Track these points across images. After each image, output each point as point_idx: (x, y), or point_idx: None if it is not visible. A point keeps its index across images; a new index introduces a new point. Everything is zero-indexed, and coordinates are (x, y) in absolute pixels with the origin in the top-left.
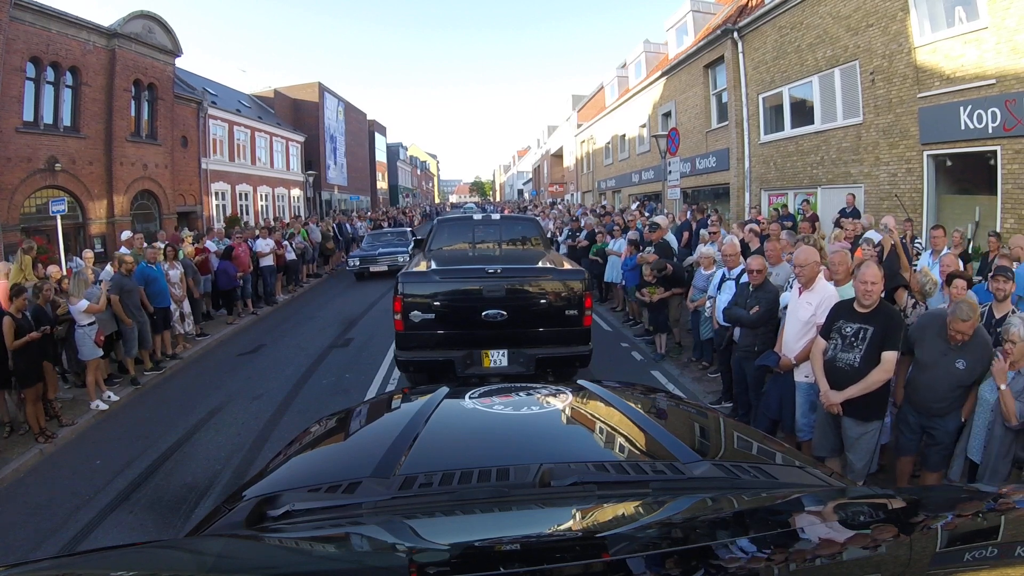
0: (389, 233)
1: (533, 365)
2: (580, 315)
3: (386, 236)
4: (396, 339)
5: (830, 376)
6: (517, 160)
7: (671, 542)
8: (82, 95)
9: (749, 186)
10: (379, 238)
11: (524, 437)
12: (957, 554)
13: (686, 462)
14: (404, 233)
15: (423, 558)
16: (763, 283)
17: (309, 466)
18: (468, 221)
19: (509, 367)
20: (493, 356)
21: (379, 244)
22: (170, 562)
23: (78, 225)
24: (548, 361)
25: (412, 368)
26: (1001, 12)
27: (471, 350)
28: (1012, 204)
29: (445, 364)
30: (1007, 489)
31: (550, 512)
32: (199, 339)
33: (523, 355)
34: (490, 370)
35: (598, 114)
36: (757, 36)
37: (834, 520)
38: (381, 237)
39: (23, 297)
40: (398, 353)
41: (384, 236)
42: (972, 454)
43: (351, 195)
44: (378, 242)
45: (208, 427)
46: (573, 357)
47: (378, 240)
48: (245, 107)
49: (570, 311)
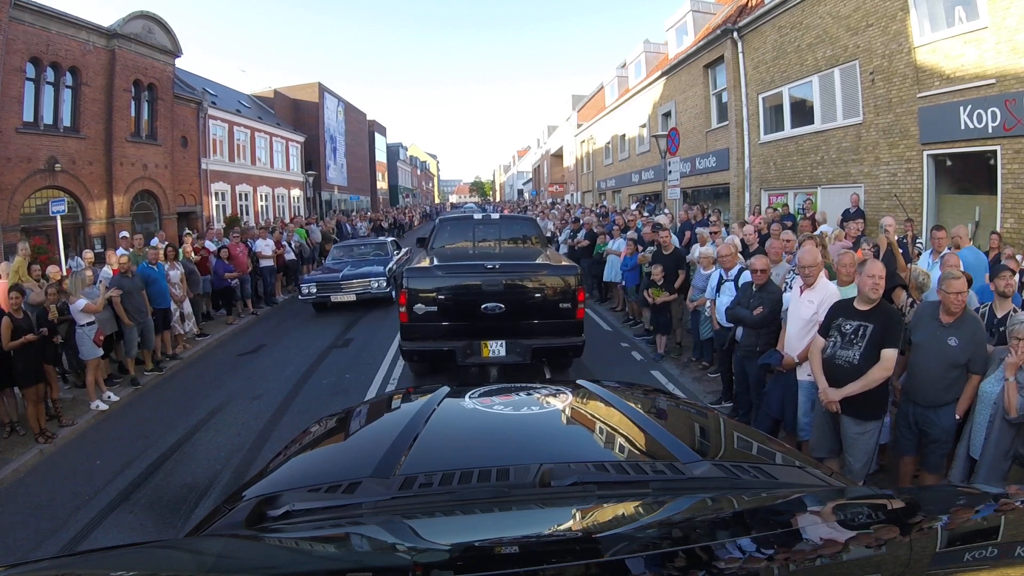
0: (363, 245)
1: (529, 355)
2: (573, 308)
3: (359, 249)
4: (400, 330)
5: (829, 374)
6: (517, 160)
7: (671, 542)
8: (82, 95)
9: (749, 186)
10: (349, 251)
11: (524, 437)
12: (957, 554)
13: (686, 462)
14: (384, 245)
15: (423, 558)
16: (766, 283)
17: (309, 466)
18: (469, 220)
19: (507, 357)
20: (492, 346)
21: (347, 261)
22: (170, 562)
23: (78, 225)
24: (544, 351)
25: (416, 357)
26: (1001, 12)
27: (471, 341)
28: (1012, 204)
29: (447, 354)
30: (1009, 489)
31: (550, 512)
32: (199, 339)
33: (520, 345)
34: (489, 359)
35: (598, 114)
36: (757, 36)
37: (834, 520)
38: (353, 250)
39: (16, 296)
40: (402, 343)
41: (356, 250)
42: (974, 452)
43: (351, 195)
44: (347, 257)
45: (208, 427)
46: (567, 347)
47: (347, 255)
48: (245, 107)
49: (564, 304)
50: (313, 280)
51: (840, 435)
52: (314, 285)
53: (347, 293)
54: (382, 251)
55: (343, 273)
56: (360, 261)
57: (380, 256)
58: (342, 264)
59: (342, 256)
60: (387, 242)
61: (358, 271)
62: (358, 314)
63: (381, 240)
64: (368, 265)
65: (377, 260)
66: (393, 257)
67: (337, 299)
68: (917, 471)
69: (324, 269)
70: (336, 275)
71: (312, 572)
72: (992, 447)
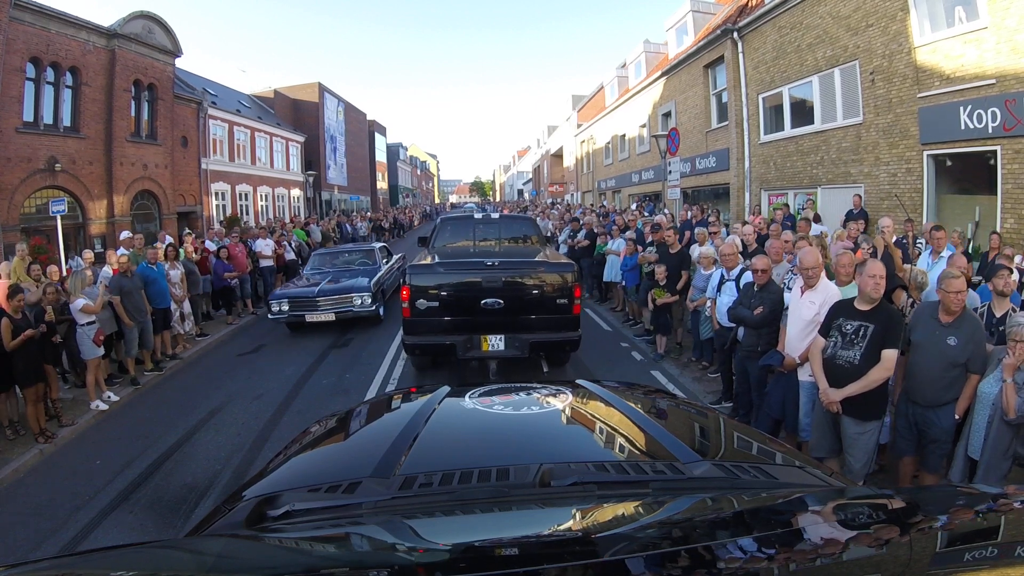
0: (347, 252)
1: (527, 349)
2: (570, 304)
3: (343, 257)
4: (403, 325)
5: (829, 374)
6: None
7: (671, 542)
8: (82, 95)
9: (749, 186)
10: (331, 260)
11: (524, 437)
12: (957, 554)
13: (686, 462)
14: (372, 252)
15: (423, 558)
16: (767, 283)
17: (309, 466)
18: (469, 220)
19: (506, 351)
20: (491, 341)
21: (327, 271)
22: (170, 562)
23: (78, 225)
24: (541, 345)
25: (418, 351)
26: (1001, 12)
27: (471, 335)
28: (1012, 204)
29: (448, 348)
30: (1008, 489)
31: (550, 512)
32: (199, 339)
33: (518, 340)
34: (488, 353)
35: (598, 114)
36: (757, 36)
37: (834, 520)
38: (335, 259)
39: (19, 297)
40: (405, 338)
41: (339, 258)
42: (972, 452)
43: (351, 195)
44: (326, 266)
45: (208, 427)
46: (564, 342)
47: (327, 263)
48: (245, 107)
49: (561, 300)
50: (285, 296)
51: (840, 435)
52: (286, 302)
53: (324, 312)
54: (369, 260)
55: (320, 288)
56: (342, 272)
57: (366, 266)
58: (322, 275)
59: (322, 265)
60: (375, 249)
61: (338, 285)
62: None
63: (369, 247)
64: (351, 277)
65: (363, 271)
66: (382, 267)
67: (313, 319)
68: (916, 471)
69: (299, 281)
70: (312, 289)
71: (312, 572)
72: (991, 447)
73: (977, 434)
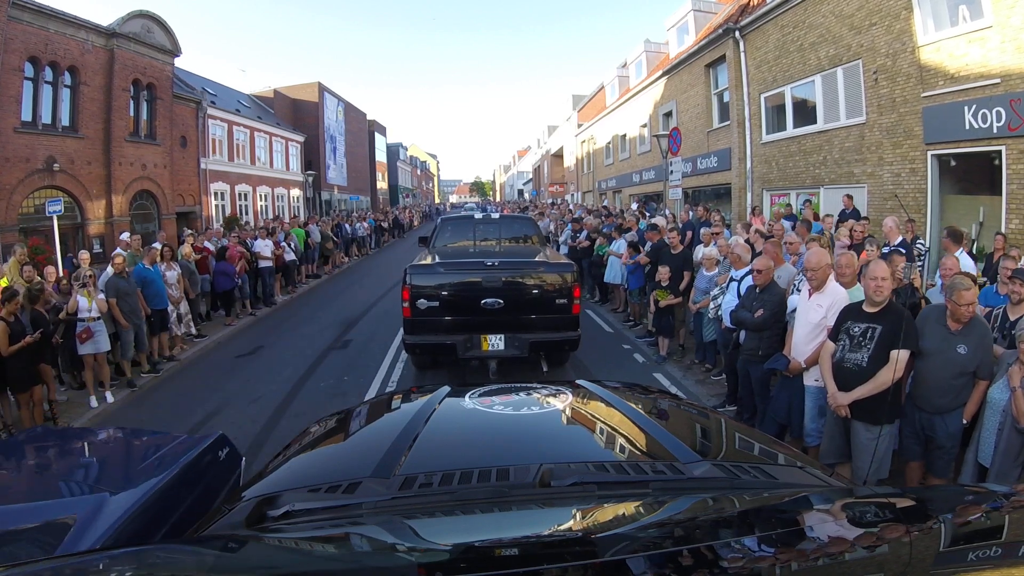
0: None
1: (527, 348)
2: (569, 304)
3: None
4: (404, 324)
5: (838, 377)
6: (517, 160)
7: (671, 542)
8: (80, 95)
9: (751, 186)
10: None
11: (524, 437)
12: (960, 554)
13: (686, 462)
14: None
15: (423, 558)
16: (769, 285)
17: (309, 466)
18: (470, 220)
19: (505, 350)
20: (491, 340)
21: None
22: (170, 562)
23: (76, 225)
24: (541, 345)
25: (418, 350)
26: (1006, 11)
27: (471, 335)
28: (1017, 204)
29: (448, 347)
30: (1014, 488)
31: (550, 512)
32: (197, 340)
33: (518, 339)
34: (488, 353)
35: (598, 114)
36: (759, 35)
37: (834, 520)
38: None
39: (15, 301)
40: (406, 337)
41: None
42: (983, 459)
43: (351, 195)
44: None
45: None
46: (563, 341)
47: None
48: (245, 107)
49: (560, 300)
50: None
51: (850, 441)
52: None
53: None
54: None
55: None
56: None
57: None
58: None
59: None
60: None
61: None
62: (357, 315)
63: None
64: None
65: None
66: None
67: None
68: (924, 476)
69: None
70: None
71: (312, 572)
72: (1002, 454)
73: (987, 440)
